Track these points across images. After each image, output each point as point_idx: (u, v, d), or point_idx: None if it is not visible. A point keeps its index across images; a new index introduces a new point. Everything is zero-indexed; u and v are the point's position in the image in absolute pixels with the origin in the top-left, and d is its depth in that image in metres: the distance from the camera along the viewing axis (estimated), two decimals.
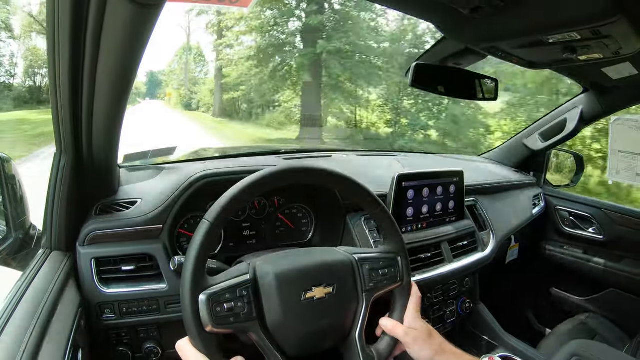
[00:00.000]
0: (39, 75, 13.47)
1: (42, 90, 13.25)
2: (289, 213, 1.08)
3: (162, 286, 0.81)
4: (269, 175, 0.64)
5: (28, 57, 13.47)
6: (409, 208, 1.13)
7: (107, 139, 0.72)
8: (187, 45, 19.87)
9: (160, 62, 28.69)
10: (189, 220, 0.95)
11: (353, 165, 1.35)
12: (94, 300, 0.78)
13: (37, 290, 0.65)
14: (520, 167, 1.72)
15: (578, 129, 1.45)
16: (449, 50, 0.93)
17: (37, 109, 12.12)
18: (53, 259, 0.77)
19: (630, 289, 1.45)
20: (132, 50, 0.52)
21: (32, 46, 13.60)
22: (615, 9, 0.60)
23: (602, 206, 1.53)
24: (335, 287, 0.68)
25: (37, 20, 12.93)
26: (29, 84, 13.51)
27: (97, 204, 0.86)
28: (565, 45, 0.75)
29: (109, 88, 0.59)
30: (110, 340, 0.82)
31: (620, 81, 1.14)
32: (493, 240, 1.30)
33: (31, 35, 13.47)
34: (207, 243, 0.60)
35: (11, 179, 0.87)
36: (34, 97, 13.17)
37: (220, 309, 0.58)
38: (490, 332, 1.30)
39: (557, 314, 1.65)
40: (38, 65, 13.36)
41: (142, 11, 0.44)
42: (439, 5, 0.65)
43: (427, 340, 0.69)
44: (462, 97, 1.01)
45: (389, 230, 0.77)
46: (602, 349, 1.18)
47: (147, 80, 26.88)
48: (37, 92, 13.31)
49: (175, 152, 1.29)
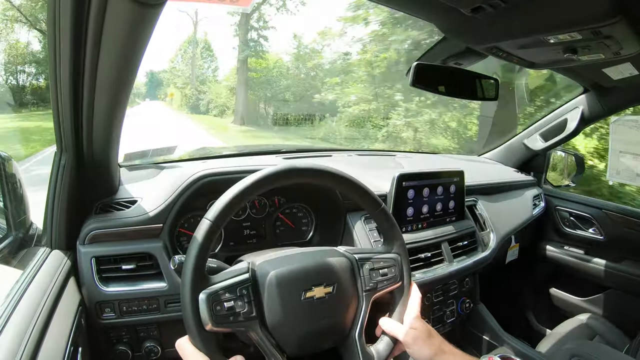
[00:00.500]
0: (22, 73, 11.48)
1: (25, 90, 11.39)
2: (289, 212, 1.08)
3: (162, 285, 0.82)
4: (268, 175, 0.64)
5: (7, 52, 11.42)
6: (409, 208, 1.13)
7: (108, 138, 0.72)
8: (194, 36, 16.96)
9: (161, 58, 26.21)
10: (189, 219, 0.95)
11: (353, 165, 1.35)
12: (94, 299, 0.78)
13: (37, 288, 0.65)
14: (521, 167, 1.72)
15: (578, 129, 1.45)
16: (450, 50, 0.93)
17: (19, 112, 10.33)
18: (53, 257, 0.77)
19: (630, 289, 1.45)
20: (132, 49, 0.52)
21: (14, 40, 11.56)
22: (616, 10, 0.60)
23: (602, 206, 1.53)
24: (335, 286, 0.68)
25: (19, 10, 10.93)
26: (12, 83, 11.46)
27: (97, 202, 0.86)
28: (566, 45, 0.75)
29: (110, 87, 0.59)
30: (110, 339, 0.82)
31: (621, 81, 1.14)
32: (493, 241, 1.30)
33: (13, 27, 11.24)
34: (208, 242, 0.60)
35: (11, 178, 0.87)
36: (16, 98, 11.13)
37: (220, 308, 0.58)
38: (490, 332, 1.30)
39: (557, 314, 1.65)
40: (20, 62, 11.45)
41: (143, 10, 0.44)
42: (439, 5, 0.65)
43: (426, 340, 0.69)
44: (462, 97, 1.01)
45: (389, 230, 0.77)
46: (602, 350, 1.18)
47: (146, 80, 24.88)
48: (20, 92, 11.28)
49: (176, 151, 1.30)
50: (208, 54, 17.40)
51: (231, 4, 0.52)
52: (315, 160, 1.35)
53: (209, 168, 0.91)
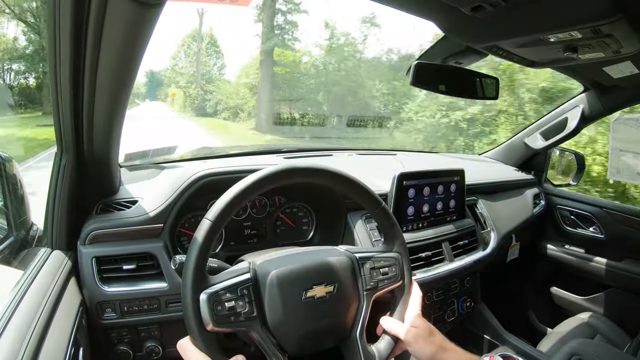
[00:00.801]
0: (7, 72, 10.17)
1: (12, 90, 10.09)
2: (289, 212, 1.08)
3: (162, 285, 0.82)
4: (268, 175, 0.64)
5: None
6: (410, 207, 1.13)
7: (108, 138, 0.72)
8: (199, 29, 15.29)
9: (162, 56, 24.49)
10: (190, 219, 0.95)
11: (354, 164, 1.35)
12: (94, 299, 0.78)
13: (38, 289, 0.65)
14: (521, 166, 1.72)
15: (579, 128, 1.45)
16: (450, 49, 0.93)
17: (4, 115, 8.35)
18: (54, 258, 0.77)
19: (631, 288, 1.45)
20: (132, 49, 0.52)
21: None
22: (616, 8, 0.60)
23: (603, 205, 1.52)
24: (335, 286, 0.68)
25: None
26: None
27: (98, 203, 0.86)
28: (566, 44, 0.75)
29: (110, 87, 0.59)
30: (110, 339, 0.82)
31: (621, 80, 1.14)
32: (494, 240, 1.30)
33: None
34: (208, 242, 0.60)
35: (12, 179, 0.87)
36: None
37: (221, 308, 0.59)
38: (491, 332, 1.31)
39: (557, 313, 1.65)
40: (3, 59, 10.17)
41: (143, 10, 0.44)
42: (440, 4, 0.65)
43: (428, 338, 0.69)
44: (462, 96, 1.01)
45: (389, 229, 0.77)
46: (603, 349, 1.18)
47: (146, 81, 23.69)
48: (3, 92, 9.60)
49: (176, 151, 1.30)
50: (214, 50, 15.04)
51: (231, 3, 0.53)
52: (316, 159, 1.35)
53: (209, 168, 0.91)
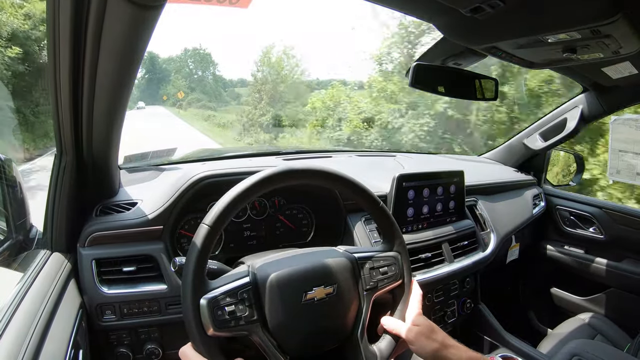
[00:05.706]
0: None
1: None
2: (289, 214, 1.08)
3: (162, 287, 0.81)
4: (266, 177, 0.64)
5: None
6: (410, 208, 1.13)
7: (107, 140, 0.72)
8: None
9: (162, 49, 21.65)
10: (190, 221, 0.94)
11: (353, 166, 1.35)
12: (94, 301, 0.78)
13: (38, 291, 0.65)
14: (521, 166, 1.72)
15: (578, 128, 1.45)
16: (449, 51, 0.93)
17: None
18: (54, 260, 0.77)
19: (631, 288, 1.45)
20: (132, 51, 0.52)
21: None
22: (615, 9, 0.60)
23: (602, 205, 1.53)
24: (335, 287, 0.67)
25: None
26: None
27: (97, 205, 0.86)
28: (565, 45, 0.75)
29: (109, 89, 0.59)
30: (110, 341, 0.82)
31: (620, 80, 1.14)
32: (494, 240, 1.30)
33: None
34: (206, 247, 0.59)
35: (12, 181, 0.87)
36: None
37: (221, 312, 0.58)
38: (491, 332, 1.30)
39: (557, 313, 1.65)
40: None
41: (142, 12, 0.44)
42: (438, 5, 0.65)
43: (429, 336, 0.69)
44: (462, 97, 1.01)
45: (388, 228, 0.77)
46: (603, 349, 1.18)
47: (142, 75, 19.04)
48: None
49: (176, 153, 1.30)
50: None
51: (230, 5, 0.53)
52: (315, 161, 1.35)
53: (209, 170, 0.91)
